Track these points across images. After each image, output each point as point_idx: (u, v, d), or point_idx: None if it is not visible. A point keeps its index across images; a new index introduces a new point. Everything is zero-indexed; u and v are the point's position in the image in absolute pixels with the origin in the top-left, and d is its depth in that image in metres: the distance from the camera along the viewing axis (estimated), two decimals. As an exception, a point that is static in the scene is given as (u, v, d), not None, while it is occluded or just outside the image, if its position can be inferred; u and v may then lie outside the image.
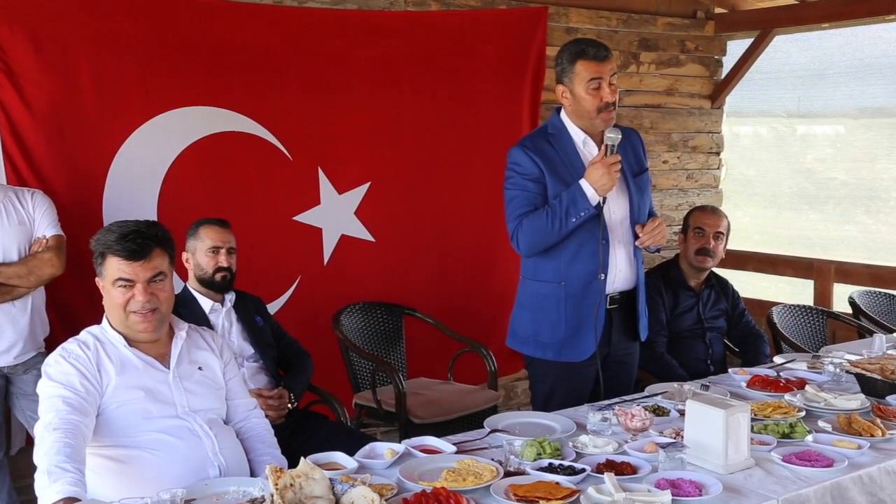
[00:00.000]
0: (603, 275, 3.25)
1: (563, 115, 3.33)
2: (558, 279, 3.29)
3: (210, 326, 3.31)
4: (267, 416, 2.89)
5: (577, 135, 3.31)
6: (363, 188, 4.80)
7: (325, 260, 4.73)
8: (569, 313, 3.28)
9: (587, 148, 3.30)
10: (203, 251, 3.45)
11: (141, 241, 2.47)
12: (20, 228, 3.53)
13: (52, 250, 3.54)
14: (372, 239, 4.85)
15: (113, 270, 2.47)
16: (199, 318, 3.31)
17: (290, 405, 3.46)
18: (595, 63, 3.21)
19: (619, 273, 3.32)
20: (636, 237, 3.34)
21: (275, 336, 3.69)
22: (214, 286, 3.46)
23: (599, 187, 3.12)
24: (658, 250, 3.53)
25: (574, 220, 3.15)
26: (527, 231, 3.22)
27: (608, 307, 3.32)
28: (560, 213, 3.15)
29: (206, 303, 3.47)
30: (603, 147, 3.18)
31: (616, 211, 3.30)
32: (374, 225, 4.85)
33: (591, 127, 3.28)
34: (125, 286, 2.47)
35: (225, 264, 3.45)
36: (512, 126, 5.17)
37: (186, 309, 3.31)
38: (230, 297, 3.54)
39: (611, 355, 3.42)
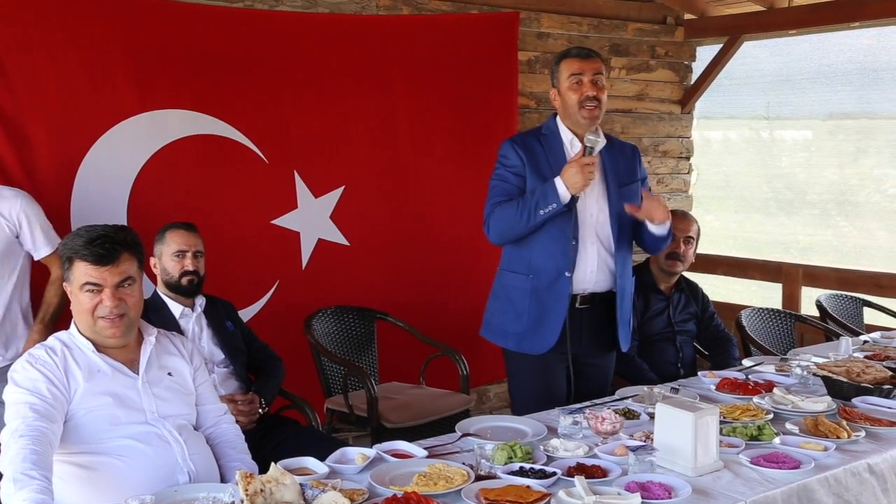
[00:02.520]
0: (568, 273, 3.30)
1: (557, 119, 3.44)
2: (527, 272, 3.37)
3: (180, 331, 3.29)
4: (237, 421, 2.87)
5: (566, 136, 3.40)
6: (337, 192, 4.79)
7: (304, 264, 4.71)
8: (532, 306, 3.36)
9: (574, 148, 3.38)
10: (169, 255, 3.43)
11: (109, 245, 2.44)
12: None
13: None
14: (347, 243, 4.84)
15: (80, 275, 2.45)
16: (169, 324, 3.28)
17: (260, 410, 3.44)
18: (577, 60, 3.34)
19: (589, 274, 3.37)
20: (628, 240, 3.43)
21: (245, 341, 3.66)
22: (181, 290, 3.43)
23: (571, 185, 3.20)
24: (668, 237, 3.44)
25: (542, 212, 3.23)
26: (497, 218, 3.34)
27: (578, 306, 3.37)
28: (530, 205, 3.24)
29: (176, 308, 3.44)
30: (581, 147, 3.27)
31: (594, 213, 3.37)
32: (349, 229, 4.84)
33: (577, 125, 3.36)
34: (93, 291, 2.44)
35: (191, 268, 3.42)
36: (486, 130, 5.19)
37: (156, 314, 3.29)
38: (200, 302, 3.51)
39: (582, 356, 3.45)
